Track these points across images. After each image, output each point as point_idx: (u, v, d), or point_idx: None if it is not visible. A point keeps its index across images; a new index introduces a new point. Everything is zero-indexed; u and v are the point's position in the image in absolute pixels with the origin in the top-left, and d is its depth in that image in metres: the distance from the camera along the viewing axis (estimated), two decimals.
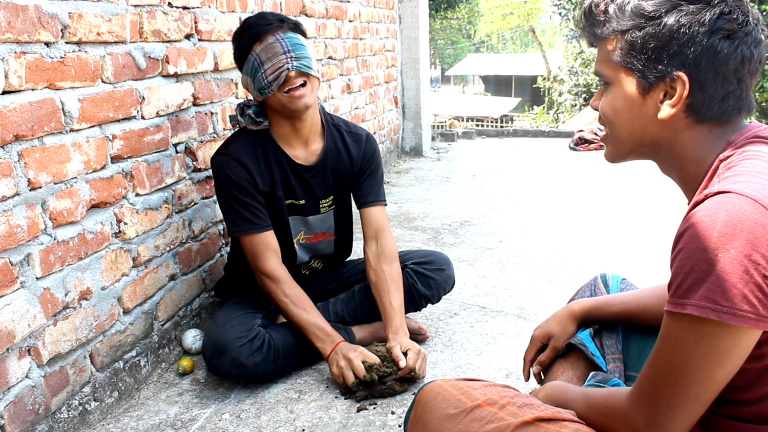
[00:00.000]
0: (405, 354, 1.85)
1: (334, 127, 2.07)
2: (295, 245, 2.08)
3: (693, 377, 0.85)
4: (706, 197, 0.86)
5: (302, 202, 2.04)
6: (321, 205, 2.07)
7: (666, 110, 0.95)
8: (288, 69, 1.79)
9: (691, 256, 0.83)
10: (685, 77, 0.92)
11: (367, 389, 1.83)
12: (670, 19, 0.92)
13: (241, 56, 1.89)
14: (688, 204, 1.02)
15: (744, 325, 0.80)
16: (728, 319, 0.80)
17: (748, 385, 0.89)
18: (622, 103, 1.00)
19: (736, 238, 0.80)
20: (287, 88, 1.82)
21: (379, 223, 2.09)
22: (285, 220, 2.03)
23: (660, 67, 0.94)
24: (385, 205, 2.14)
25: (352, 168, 2.09)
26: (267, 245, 1.93)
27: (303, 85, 1.83)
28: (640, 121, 0.99)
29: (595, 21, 1.01)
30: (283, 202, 2.00)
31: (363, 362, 1.82)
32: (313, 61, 1.86)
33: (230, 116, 1.99)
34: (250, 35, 1.84)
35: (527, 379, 1.48)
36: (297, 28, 1.89)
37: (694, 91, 0.93)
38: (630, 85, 0.98)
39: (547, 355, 1.42)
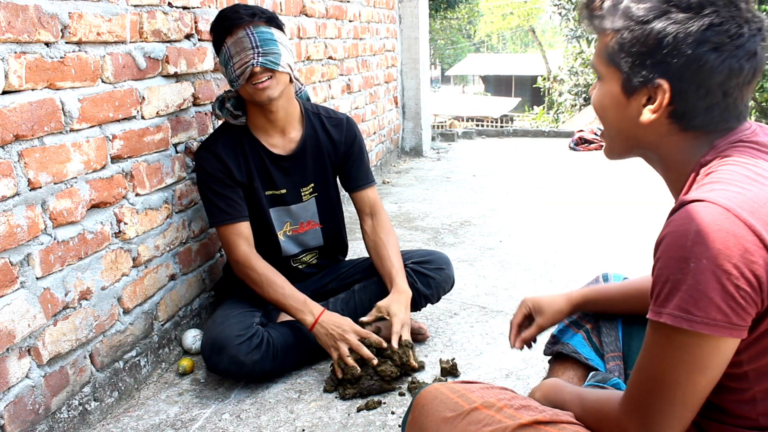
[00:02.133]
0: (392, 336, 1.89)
1: (314, 116, 2.11)
2: (281, 237, 2.10)
3: (677, 385, 0.86)
4: (682, 204, 0.86)
5: (283, 191, 2.07)
6: (302, 193, 2.10)
7: (647, 115, 0.94)
8: (253, 65, 1.83)
9: (667, 265, 0.84)
10: (666, 86, 0.91)
11: (354, 384, 1.83)
12: (657, 26, 0.90)
13: (216, 46, 1.94)
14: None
15: (717, 334, 0.81)
16: (701, 329, 0.81)
17: (734, 389, 0.90)
18: (608, 101, 1.00)
19: (708, 248, 0.80)
20: (253, 82, 1.86)
21: (372, 200, 2.16)
22: (265, 211, 2.05)
23: (644, 72, 0.93)
24: (374, 183, 2.21)
25: (336, 152, 2.13)
26: (239, 234, 1.97)
27: (270, 78, 1.86)
28: (626, 122, 0.99)
29: (593, 14, 1.00)
30: (261, 193, 2.03)
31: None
32: (283, 56, 1.87)
33: (212, 104, 2.03)
34: (223, 28, 1.88)
35: (513, 345, 1.48)
36: (271, 21, 1.90)
37: (675, 100, 0.91)
38: (616, 84, 0.97)
39: (530, 333, 1.43)
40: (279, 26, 1.93)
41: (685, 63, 0.89)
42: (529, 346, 1.47)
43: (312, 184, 2.11)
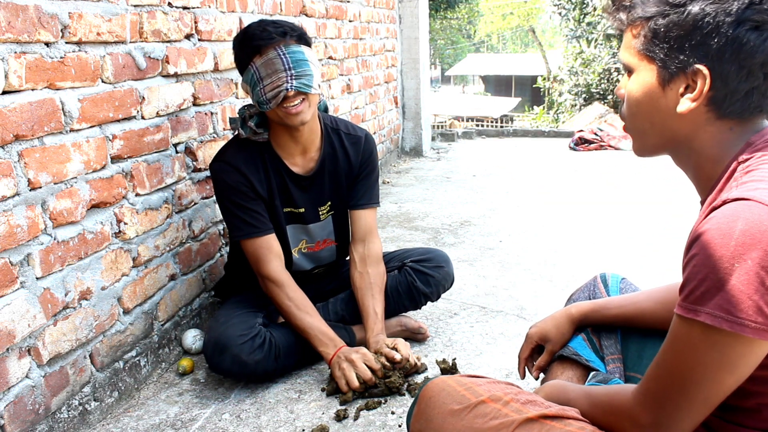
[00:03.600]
0: (395, 350, 1.90)
1: (333, 132, 2.05)
2: (295, 254, 2.08)
3: (702, 382, 0.85)
4: (724, 203, 0.84)
5: (302, 210, 2.03)
6: (320, 212, 2.08)
7: (686, 104, 0.92)
8: (287, 89, 1.75)
9: (706, 263, 0.81)
10: (706, 70, 0.88)
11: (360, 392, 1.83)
12: (694, 8, 0.87)
13: (240, 65, 1.85)
14: (701, 202, 1.02)
15: (757, 337, 0.79)
16: (741, 331, 0.79)
17: (753, 393, 0.89)
18: (641, 94, 0.97)
19: (753, 249, 0.78)
20: (285, 105, 1.79)
21: (368, 225, 2.10)
22: (282, 228, 2.02)
23: (682, 57, 0.90)
24: (378, 206, 2.16)
25: (351, 171, 2.09)
26: (269, 249, 1.93)
27: (302, 101, 1.80)
28: (660, 114, 0.96)
29: (622, 5, 0.97)
30: (280, 210, 2.00)
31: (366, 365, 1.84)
32: (315, 77, 1.80)
33: (230, 119, 1.97)
34: (252, 47, 1.77)
35: (523, 377, 1.49)
36: (301, 38, 1.81)
37: (716, 84, 0.89)
38: (650, 75, 0.95)
39: (544, 360, 1.43)
40: (308, 43, 1.83)
41: (726, 44, 0.86)
42: (544, 372, 1.47)
43: (329, 203, 2.08)
